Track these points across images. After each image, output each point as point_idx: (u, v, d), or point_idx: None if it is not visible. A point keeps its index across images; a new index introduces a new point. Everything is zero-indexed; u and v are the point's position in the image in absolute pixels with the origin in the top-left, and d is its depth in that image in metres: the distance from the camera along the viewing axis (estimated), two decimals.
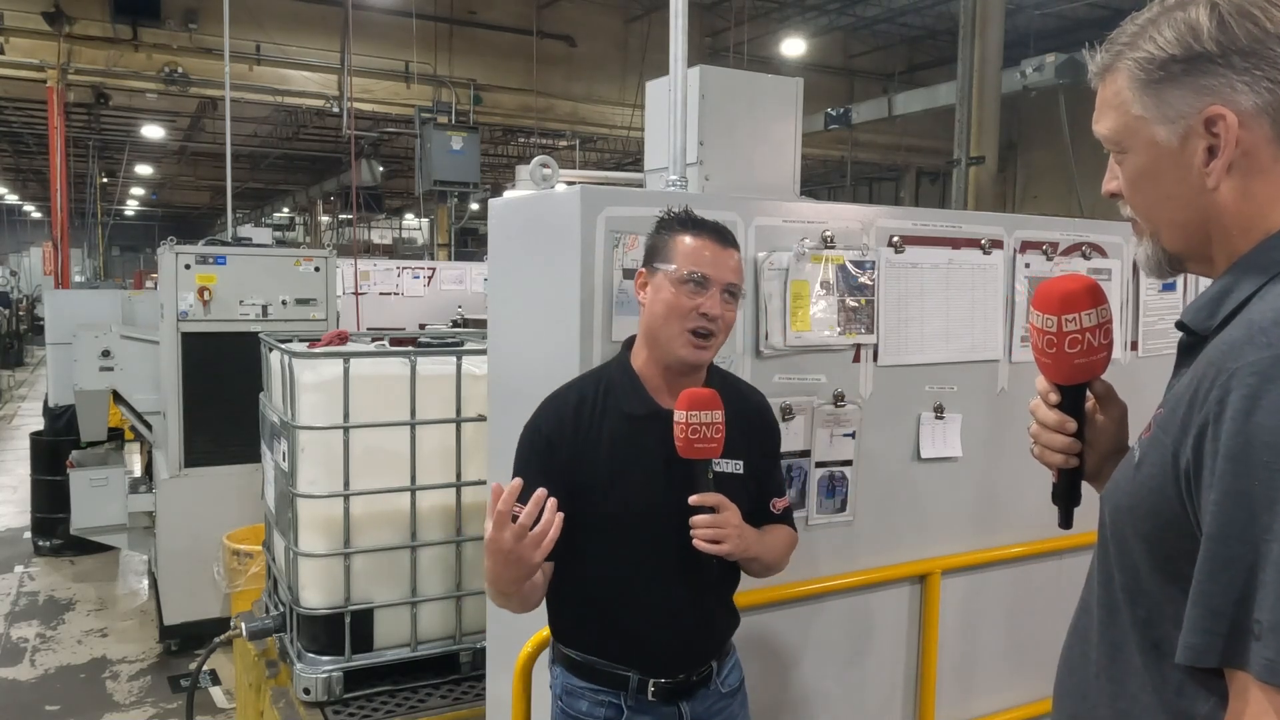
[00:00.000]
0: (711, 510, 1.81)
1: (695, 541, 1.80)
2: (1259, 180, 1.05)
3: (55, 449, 7.28)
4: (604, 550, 1.90)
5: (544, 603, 1.98)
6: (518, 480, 1.70)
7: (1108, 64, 1.14)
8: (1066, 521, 1.33)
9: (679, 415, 1.79)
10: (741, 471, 1.94)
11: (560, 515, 1.69)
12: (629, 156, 15.79)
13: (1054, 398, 1.29)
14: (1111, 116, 1.14)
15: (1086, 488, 1.33)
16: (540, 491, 1.68)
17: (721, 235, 1.91)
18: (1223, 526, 0.93)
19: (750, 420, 2.00)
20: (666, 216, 1.95)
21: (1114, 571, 1.11)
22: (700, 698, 1.96)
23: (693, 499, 1.81)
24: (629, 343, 2.00)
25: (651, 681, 1.90)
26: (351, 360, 3.01)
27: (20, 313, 22.41)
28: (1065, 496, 1.32)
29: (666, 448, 1.82)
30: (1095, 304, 1.23)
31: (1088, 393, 1.30)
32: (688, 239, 1.88)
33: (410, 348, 3.28)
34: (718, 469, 1.87)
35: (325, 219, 23.24)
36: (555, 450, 1.88)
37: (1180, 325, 1.11)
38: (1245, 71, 1.03)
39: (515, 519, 1.66)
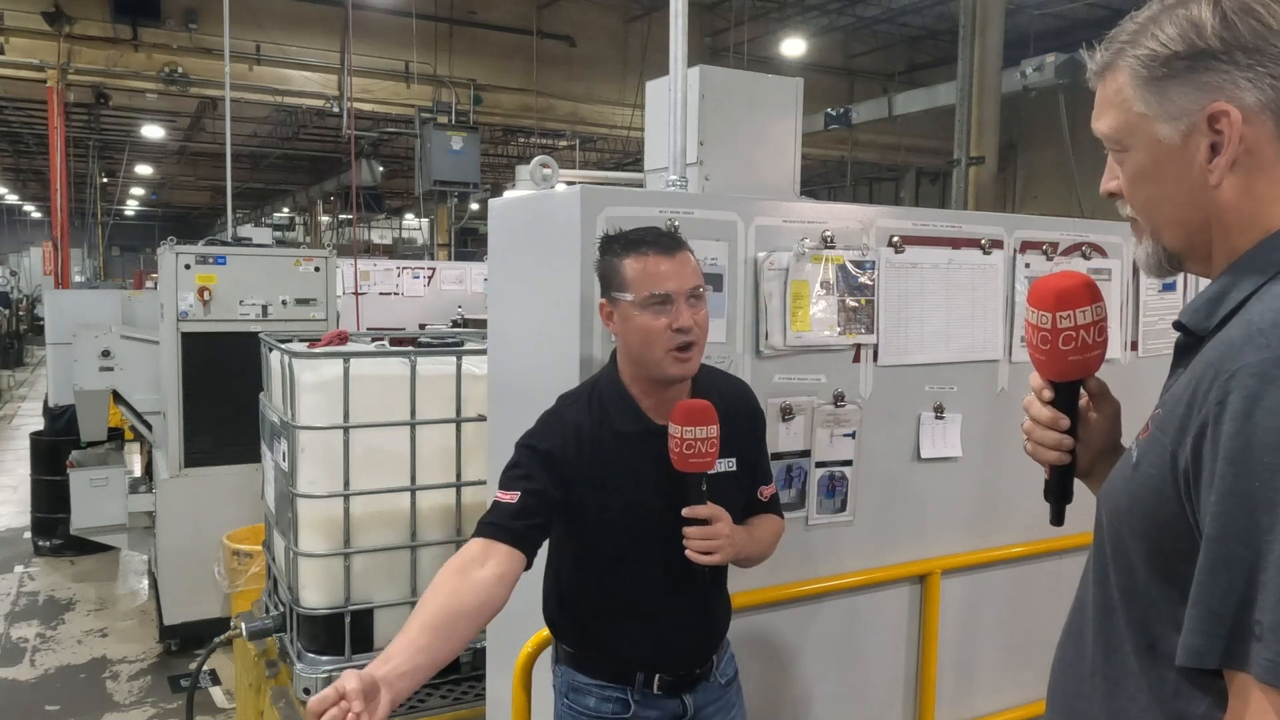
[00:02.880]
0: (704, 522, 1.83)
1: (688, 553, 1.82)
2: (1261, 178, 1.05)
3: (55, 449, 7.28)
4: (606, 560, 1.94)
5: (542, 604, 2.02)
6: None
7: (1108, 62, 1.13)
8: (1058, 519, 1.33)
9: (674, 429, 1.79)
10: (735, 469, 1.97)
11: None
12: (629, 156, 15.78)
13: (1047, 394, 1.29)
14: (1112, 114, 1.13)
15: (1080, 486, 1.33)
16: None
17: (664, 244, 1.85)
18: (1223, 528, 0.93)
19: (737, 412, 2.00)
20: (606, 240, 1.91)
21: (1110, 571, 1.11)
22: (702, 689, 2.01)
23: (685, 511, 1.83)
24: (615, 354, 1.98)
25: (657, 676, 1.95)
26: (351, 360, 3.01)
27: (20, 313, 22.40)
28: (1057, 494, 1.32)
29: (662, 461, 1.83)
30: (1090, 301, 1.23)
31: (1081, 390, 1.30)
32: (633, 261, 1.84)
33: (410, 348, 3.28)
34: (712, 472, 1.87)
35: (325, 219, 23.23)
36: (553, 466, 1.85)
37: (1178, 325, 1.11)
38: (1249, 68, 1.03)
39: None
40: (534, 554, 1.81)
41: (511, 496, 1.80)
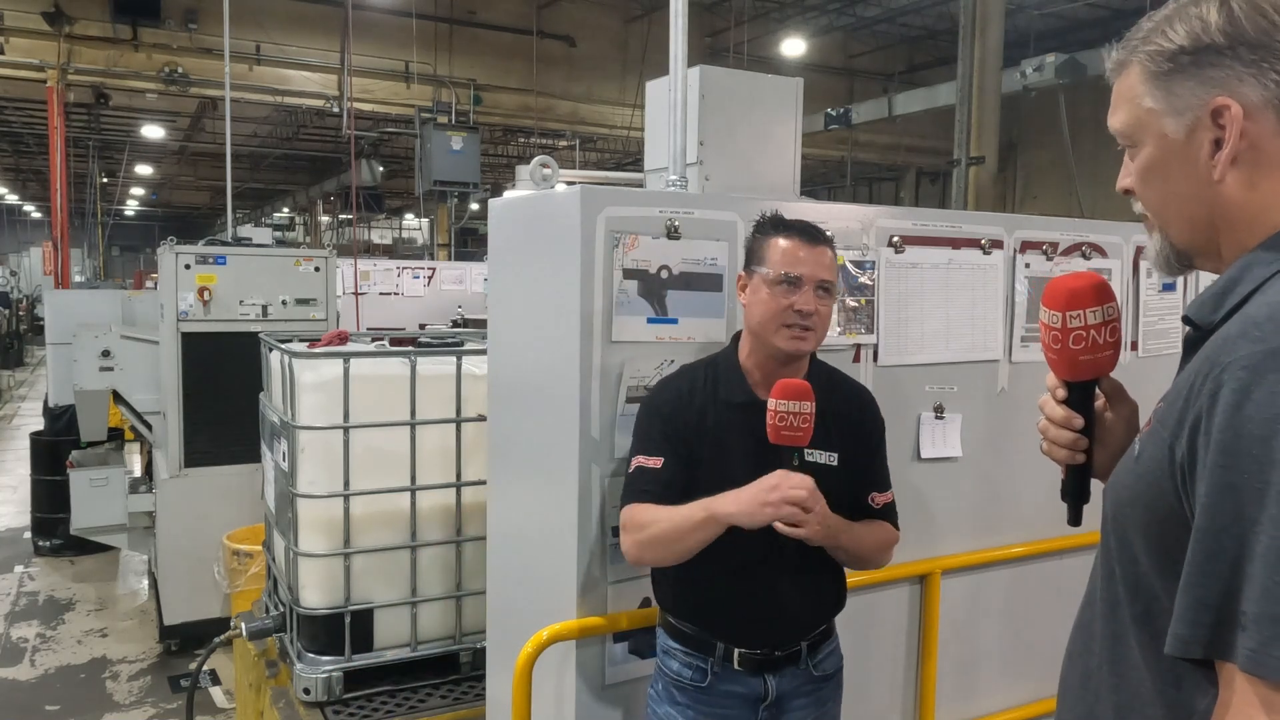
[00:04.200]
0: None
1: (778, 525, 1.85)
2: (1265, 173, 1.05)
3: (55, 449, 7.28)
4: None
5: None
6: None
7: (1123, 59, 1.14)
8: (1075, 519, 1.33)
9: (771, 403, 1.85)
10: (835, 464, 2.00)
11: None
12: (629, 156, 15.78)
13: (1061, 393, 1.30)
14: (1124, 110, 1.14)
15: (1096, 488, 1.33)
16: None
17: (811, 234, 1.99)
18: (1211, 519, 0.93)
19: (850, 415, 2.07)
20: (761, 220, 2.05)
21: (1115, 565, 1.12)
22: (789, 675, 2.03)
23: (782, 479, 1.86)
24: (736, 336, 2.10)
25: (737, 651, 1.99)
26: (351, 360, 3.01)
27: (20, 313, 22.40)
28: (1074, 493, 1.32)
29: (761, 436, 1.88)
30: (1101, 302, 1.24)
31: (1097, 390, 1.30)
32: (780, 241, 1.98)
33: (410, 348, 3.28)
34: (810, 459, 1.93)
35: (325, 219, 23.24)
36: (674, 423, 2.00)
37: (1186, 320, 1.11)
38: (1252, 64, 1.03)
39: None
40: None
41: (656, 462, 1.97)
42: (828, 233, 2.04)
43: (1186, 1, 1.09)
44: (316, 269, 5.61)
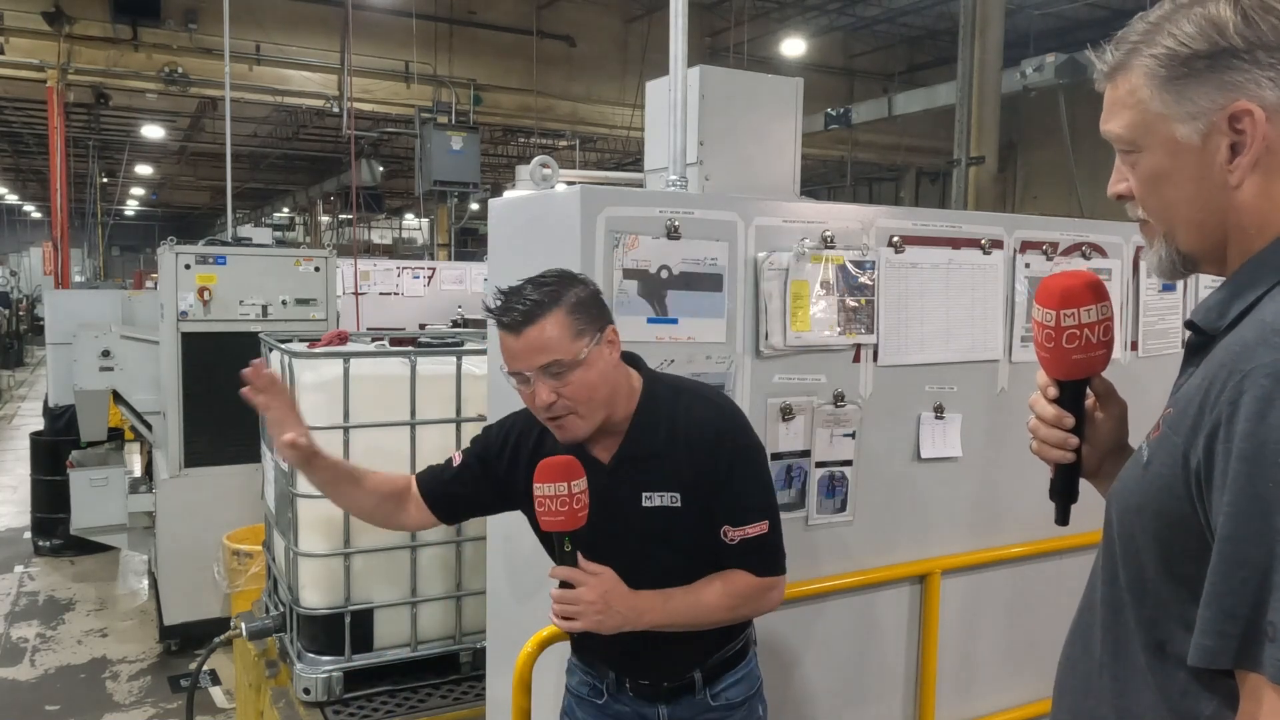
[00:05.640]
0: (568, 585, 1.75)
1: (550, 616, 1.77)
2: (1278, 176, 1.04)
3: (55, 449, 7.28)
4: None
5: None
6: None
7: (1120, 62, 1.12)
8: (1063, 518, 1.33)
9: (535, 488, 1.68)
10: (678, 504, 1.82)
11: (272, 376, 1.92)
12: (629, 156, 15.78)
13: (1053, 392, 1.29)
14: (1126, 115, 1.12)
15: (1085, 486, 1.33)
16: (254, 367, 1.89)
17: (510, 323, 1.73)
18: (1236, 528, 0.92)
19: (697, 444, 1.82)
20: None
21: (1119, 570, 1.11)
22: (685, 704, 1.95)
23: (550, 572, 1.76)
24: None
25: (628, 680, 1.97)
26: (351, 360, 3.01)
27: (20, 313, 22.40)
28: (1062, 493, 1.32)
29: None
30: (1095, 300, 1.23)
31: (1088, 390, 1.30)
32: (499, 335, 1.78)
33: (410, 348, 3.27)
34: (647, 503, 1.82)
35: (325, 219, 23.22)
36: (485, 459, 1.99)
37: (1190, 324, 1.10)
38: (1270, 67, 1.02)
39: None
40: (447, 517, 2.08)
41: (456, 458, 2.03)
42: (554, 290, 1.75)
43: (1186, 1, 1.07)
44: (316, 269, 5.60)
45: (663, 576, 1.84)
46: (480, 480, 1.98)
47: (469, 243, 20.29)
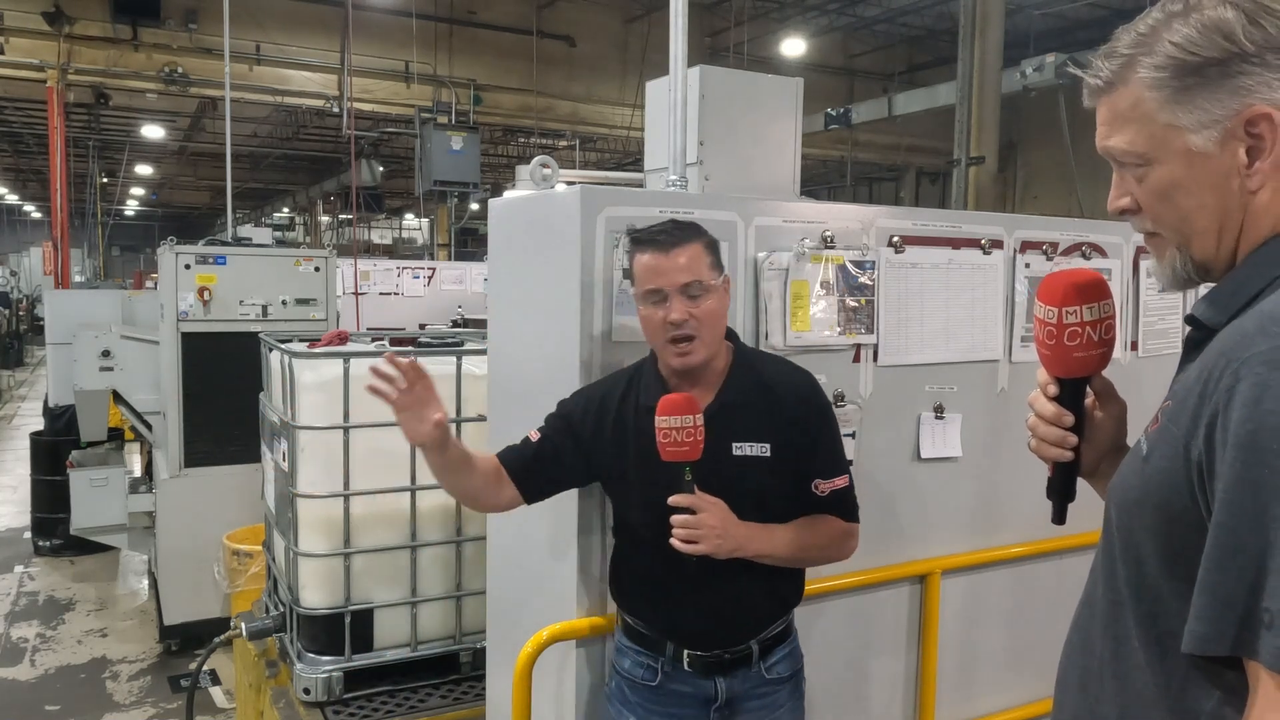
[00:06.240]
0: (690, 511, 1.85)
1: (672, 540, 1.85)
2: None
3: (55, 449, 7.28)
4: (631, 531, 2.05)
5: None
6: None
7: (1116, 76, 1.10)
8: (1060, 517, 1.33)
9: (657, 421, 1.83)
10: (768, 454, 1.96)
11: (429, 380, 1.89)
12: (629, 156, 15.77)
13: (1052, 390, 1.28)
14: (1131, 129, 1.09)
15: (1083, 485, 1.33)
16: (399, 362, 1.88)
17: (663, 242, 1.91)
18: (1232, 514, 0.92)
19: (785, 400, 2.00)
20: (628, 235, 2.02)
21: (1119, 566, 1.11)
22: (740, 677, 2.03)
23: (671, 500, 1.86)
24: None
25: (686, 652, 2.00)
26: (351, 360, 3.01)
27: (20, 313, 22.40)
28: (1060, 491, 1.32)
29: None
30: (1097, 299, 1.23)
31: (1087, 389, 1.30)
32: (639, 255, 1.95)
33: (410, 348, 3.28)
34: (738, 452, 1.94)
35: (325, 219, 23.23)
36: (570, 428, 2.04)
37: (1190, 319, 1.10)
38: (1278, 69, 1.02)
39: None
40: (532, 495, 2.06)
41: (534, 435, 2.05)
42: (695, 226, 1.98)
43: (1177, 10, 1.06)
44: (316, 269, 5.60)
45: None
46: (563, 452, 2.03)
47: (469, 243, 20.29)
